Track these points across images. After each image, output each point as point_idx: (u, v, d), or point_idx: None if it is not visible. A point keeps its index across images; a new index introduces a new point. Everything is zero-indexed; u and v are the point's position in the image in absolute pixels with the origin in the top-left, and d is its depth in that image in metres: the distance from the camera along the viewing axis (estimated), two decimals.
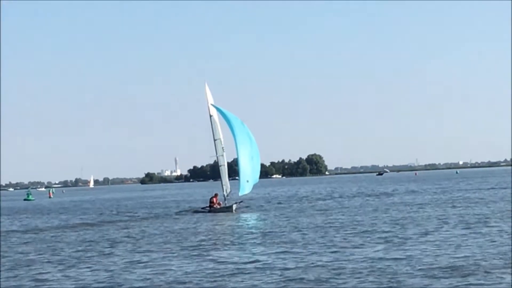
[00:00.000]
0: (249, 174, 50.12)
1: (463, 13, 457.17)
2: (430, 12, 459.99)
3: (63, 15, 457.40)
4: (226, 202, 51.04)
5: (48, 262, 25.14)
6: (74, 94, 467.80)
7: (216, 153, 51.85)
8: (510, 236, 26.26)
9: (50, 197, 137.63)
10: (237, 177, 51.91)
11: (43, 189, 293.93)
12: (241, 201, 52.42)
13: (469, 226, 30.98)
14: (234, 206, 49.69)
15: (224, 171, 51.97)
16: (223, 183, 51.74)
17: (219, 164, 52.28)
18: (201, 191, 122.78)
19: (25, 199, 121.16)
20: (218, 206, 50.07)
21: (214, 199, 50.71)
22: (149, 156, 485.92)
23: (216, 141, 51.60)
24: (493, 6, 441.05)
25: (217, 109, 51.53)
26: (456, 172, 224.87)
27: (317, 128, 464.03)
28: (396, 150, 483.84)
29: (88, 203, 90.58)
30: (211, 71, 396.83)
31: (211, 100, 51.87)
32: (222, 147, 51.70)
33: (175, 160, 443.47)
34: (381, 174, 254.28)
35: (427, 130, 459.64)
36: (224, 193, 51.61)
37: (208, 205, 51.22)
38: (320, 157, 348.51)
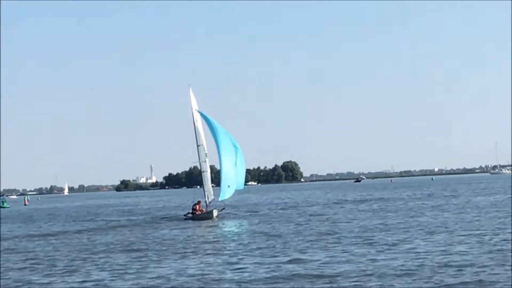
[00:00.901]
0: (231, 179, 49.59)
1: (463, 13, 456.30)
2: (431, 12, 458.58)
3: (64, 15, 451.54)
4: (208, 208, 50.57)
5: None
6: (51, 100, 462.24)
7: (199, 159, 51.35)
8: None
9: (25, 204, 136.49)
10: (213, 184, 51.51)
11: (15, 196, 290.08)
12: (223, 208, 51.93)
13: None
14: (215, 213, 49.19)
15: (206, 177, 51.45)
16: (206, 190, 51.23)
17: (202, 170, 51.78)
18: (176, 198, 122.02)
19: (0, 207, 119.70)
20: (200, 213, 49.72)
21: (197, 206, 50.39)
22: (124, 163, 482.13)
23: (199, 147, 51.10)
24: (493, 6, 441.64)
25: (202, 115, 50.98)
26: (432, 179, 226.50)
27: (293, 135, 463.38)
28: (372, 157, 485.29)
29: (63, 210, 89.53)
30: (196, 75, 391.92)
31: (195, 106, 51.36)
32: (205, 153, 51.21)
33: (151, 167, 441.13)
34: (359, 181, 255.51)
35: (402, 137, 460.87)
36: (206, 199, 51.12)
37: (190, 211, 50.86)
38: (296, 164, 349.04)
